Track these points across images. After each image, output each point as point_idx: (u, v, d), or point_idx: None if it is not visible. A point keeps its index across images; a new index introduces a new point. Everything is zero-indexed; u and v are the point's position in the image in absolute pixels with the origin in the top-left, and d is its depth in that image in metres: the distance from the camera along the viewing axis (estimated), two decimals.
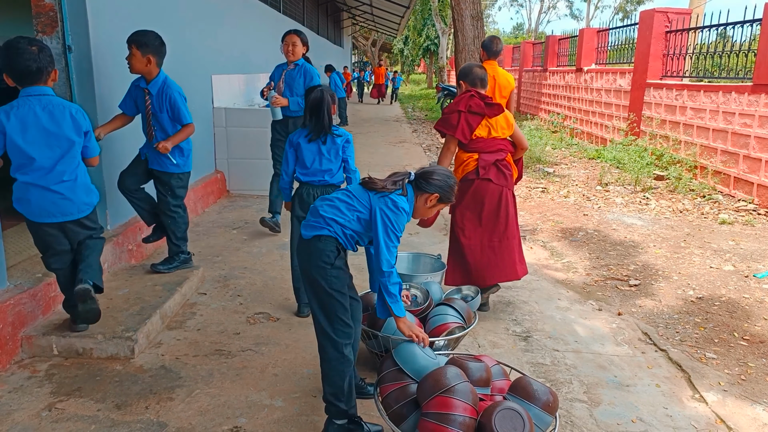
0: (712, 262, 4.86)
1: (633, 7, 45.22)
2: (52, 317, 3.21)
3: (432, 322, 2.93)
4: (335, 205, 2.32)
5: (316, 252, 2.27)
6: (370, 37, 40.34)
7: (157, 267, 3.94)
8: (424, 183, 2.33)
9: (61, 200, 2.85)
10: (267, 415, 2.61)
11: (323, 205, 2.35)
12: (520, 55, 18.10)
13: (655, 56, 9.28)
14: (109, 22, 4.08)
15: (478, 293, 3.26)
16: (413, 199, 2.34)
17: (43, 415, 2.55)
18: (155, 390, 2.77)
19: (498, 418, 1.99)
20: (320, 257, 2.26)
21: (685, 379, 3.07)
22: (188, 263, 4.06)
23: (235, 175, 6.89)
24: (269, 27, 9.64)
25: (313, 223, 2.32)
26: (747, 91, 6.92)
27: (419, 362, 2.31)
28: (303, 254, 2.34)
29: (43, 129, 2.76)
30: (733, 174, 7.05)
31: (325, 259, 2.27)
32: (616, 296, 4.20)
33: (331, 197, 2.38)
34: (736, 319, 3.82)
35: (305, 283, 2.37)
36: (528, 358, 3.23)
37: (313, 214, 2.36)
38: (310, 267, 2.29)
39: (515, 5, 59.80)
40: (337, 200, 2.34)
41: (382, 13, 20.31)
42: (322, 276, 2.27)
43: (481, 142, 3.59)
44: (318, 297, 2.31)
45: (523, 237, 5.55)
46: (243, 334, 3.37)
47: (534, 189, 7.61)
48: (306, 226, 2.35)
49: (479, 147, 3.59)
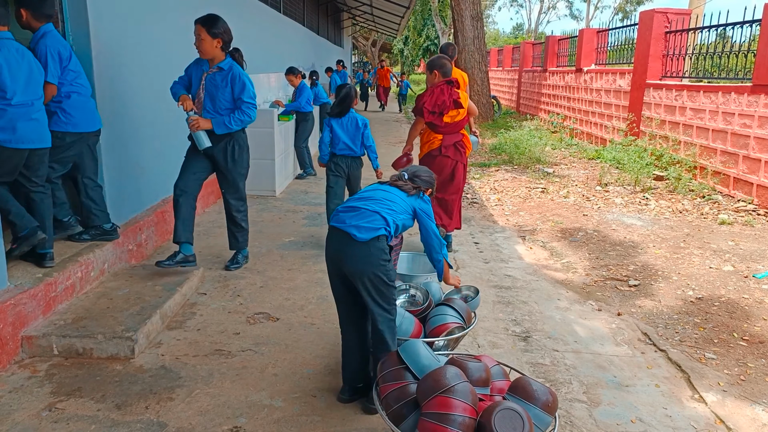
0: (711, 262, 4.86)
1: (633, 7, 45.20)
2: (52, 317, 3.21)
3: (432, 322, 2.93)
4: (385, 204, 2.57)
5: (376, 252, 2.47)
6: (370, 38, 40.33)
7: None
8: (419, 181, 2.76)
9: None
10: (267, 415, 2.61)
11: (370, 205, 2.55)
12: (519, 55, 18.11)
13: (654, 57, 9.28)
14: (109, 23, 4.08)
15: (477, 293, 3.27)
16: None
17: (43, 415, 2.55)
18: (155, 390, 2.78)
19: (497, 419, 1.99)
20: (380, 256, 2.48)
21: (684, 380, 3.08)
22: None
23: None
24: (269, 27, 9.65)
25: (367, 225, 2.48)
26: (746, 91, 6.92)
27: (422, 361, 2.31)
28: (361, 255, 2.46)
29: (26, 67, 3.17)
30: (733, 174, 7.05)
31: (384, 256, 2.50)
32: (616, 296, 4.20)
33: (371, 198, 2.60)
34: (736, 319, 3.82)
35: (362, 279, 2.48)
36: (527, 359, 3.23)
37: (363, 215, 2.51)
38: (372, 266, 2.47)
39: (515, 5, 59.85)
40: (382, 200, 2.59)
41: (382, 13, 20.31)
42: (383, 272, 2.49)
43: (447, 127, 4.61)
44: (379, 290, 2.51)
45: (522, 237, 5.57)
46: (243, 334, 3.38)
47: (534, 189, 7.61)
48: (360, 228, 2.47)
49: (446, 131, 4.62)
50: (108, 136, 4.05)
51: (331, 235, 2.59)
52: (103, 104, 4.01)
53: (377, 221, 2.49)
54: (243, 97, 3.86)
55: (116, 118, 4.21)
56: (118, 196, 4.25)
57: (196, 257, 4.06)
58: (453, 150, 4.65)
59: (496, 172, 8.96)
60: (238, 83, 3.82)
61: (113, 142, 4.15)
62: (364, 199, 2.60)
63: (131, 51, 4.45)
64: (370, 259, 2.45)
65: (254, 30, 8.60)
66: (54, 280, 3.29)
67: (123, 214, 4.35)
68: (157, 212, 4.81)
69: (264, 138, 6.77)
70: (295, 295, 3.95)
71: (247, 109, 3.88)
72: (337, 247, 2.53)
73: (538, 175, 8.55)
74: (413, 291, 3.17)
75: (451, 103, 4.50)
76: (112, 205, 4.16)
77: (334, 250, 2.55)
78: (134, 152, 4.54)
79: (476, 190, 7.65)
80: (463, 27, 11.97)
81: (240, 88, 3.83)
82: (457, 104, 4.53)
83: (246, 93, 3.86)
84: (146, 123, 4.73)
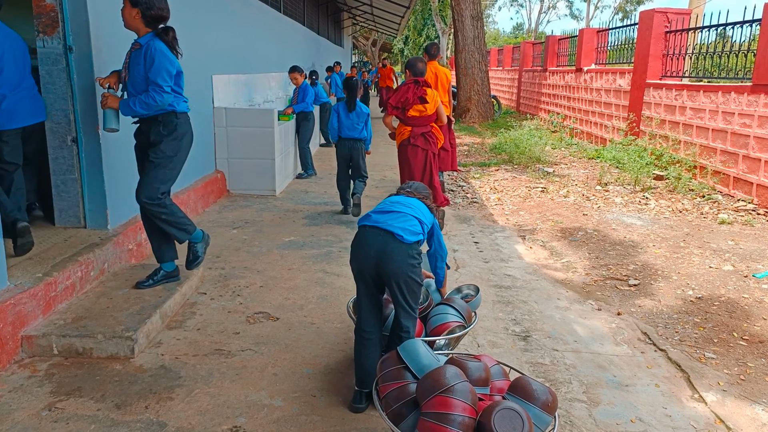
0: (711, 261, 4.86)
1: (633, 7, 45.18)
2: (52, 317, 3.22)
3: (432, 321, 2.93)
4: (420, 212, 2.72)
5: (414, 254, 2.60)
6: (371, 37, 40.33)
7: None
8: (422, 195, 2.91)
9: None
10: (266, 415, 2.61)
11: (408, 210, 2.69)
12: (519, 55, 18.11)
13: (654, 56, 9.28)
14: (109, 23, 4.08)
15: (478, 291, 3.27)
16: None
17: (43, 415, 2.55)
18: (155, 390, 2.78)
19: (497, 418, 1.99)
20: (416, 258, 2.60)
21: (684, 379, 3.08)
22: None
23: (236, 175, 6.89)
24: (270, 27, 9.65)
25: (411, 228, 2.61)
26: (746, 91, 6.92)
27: (422, 361, 2.31)
28: (403, 256, 2.56)
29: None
30: (733, 174, 7.05)
31: (418, 259, 2.62)
32: (616, 296, 4.20)
33: (407, 204, 2.76)
34: (736, 319, 3.82)
35: (397, 279, 2.56)
36: (527, 358, 3.24)
37: (405, 219, 2.64)
38: (409, 267, 2.57)
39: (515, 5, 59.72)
40: (416, 208, 2.74)
41: (383, 13, 20.31)
42: (417, 274, 2.61)
43: (414, 120, 5.23)
44: (412, 290, 2.62)
45: (522, 236, 5.57)
46: (243, 334, 3.38)
47: (534, 189, 7.61)
48: (405, 231, 2.58)
49: (413, 123, 5.26)
50: (108, 136, 4.05)
51: (371, 234, 2.60)
52: None
53: (417, 226, 2.64)
54: (151, 77, 3.32)
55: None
56: (117, 195, 4.25)
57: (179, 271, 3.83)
58: (422, 140, 5.26)
59: (496, 171, 8.96)
60: (149, 60, 3.31)
61: (113, 141, 4.15)
62: (401, 203, 2.74)
63: None
64: (410, 260, 2.56)
65: (254, 30, 8.60)
66: (54, 280, 3.29)
67: (123, 214, 4.35)
68: None
69: (264, 138, 6.77)
70: (295, 295, 3.95)
71: (154, 91, 3.31)
72: (381, 246, 2.55)
73: (538, 174, 8.55)
74: None
75: (416, 99, 5.14)
76: (111, 205, 4.17)
77: (376, 250, 2.56)
78: (134, 152, 4.53)
79: (476, 190, 7.65)
80: (463, 27, 11.97)
81: (150, 66, 3.30)
82: (422, 100, 5.14)
83: (156, 73, 3.31)
84: None
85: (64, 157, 3.99)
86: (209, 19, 6.42)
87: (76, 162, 4.01)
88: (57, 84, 3.87)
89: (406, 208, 2.70)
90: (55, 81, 3.86)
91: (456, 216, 6.32)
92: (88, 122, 3.97)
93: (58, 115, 3.91)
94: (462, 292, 3.38)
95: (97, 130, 3.98)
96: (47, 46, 3.81)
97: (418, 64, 5.26)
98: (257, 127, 6.70)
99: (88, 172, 4.05)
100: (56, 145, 3.97)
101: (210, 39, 6.45)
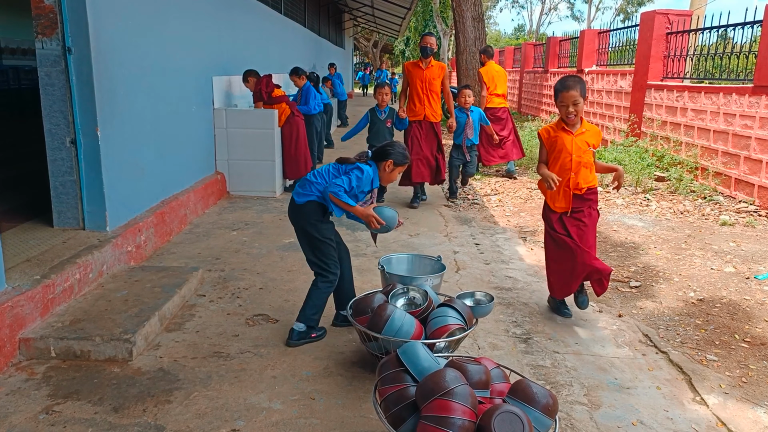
0: (713, 263, 4.84)
1: (634, 8, 45.17)
2: (50, 319, 3.20)
3: (433, 323, 2.91)
4: (322, 176, 3.15)
5: (310, 212, 3.15)
6: (372, 38, 40.36)
7: None
8: (380, 155, 3.12)
9: None
10: (265, 418, 2.59)
11: (311, 177, 3.17)
12: (521, 56, 18.10)
13: (655, 58, 9.27)
14: (109, 24, 4.08)
15: (491, 300, 3.24)
16: (377, 170, 3.14)
17: (41, 418, 2.54)
18: (153, 393, 2.76)
19: (497, 422, 1.97)
20: (312, 216, 3.14)
21: (685, 382, 3.06)
22: None
23: (236, 177, 6.88)
24: (270, 29, 9.65)
25: (303, 191, 3.16)
26: (748, 92, 6.90)
27: (421, 363, 2.30)
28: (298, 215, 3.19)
29: None
30: (734, 175, 7.03)
31: (316, 217, 3.15)
32: (617, 298, 4.18)
33: (320, 170, 3.19)
34: (737, 321, 3.80)
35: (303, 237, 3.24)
36: (528, 360, 3.22)
37: (302, 186, 3.17)
38: (306, 224, 3.17)
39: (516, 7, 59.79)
40: (324, 173, 3.16)
41: (384, 14, 20.33)
42: (316, 229, 3.16)
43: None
44: (311, 244, 3.22)
45: (523, 238, 5.55)
46: (242, 336, 3.36)
47: (535, 190, 7.59)
48: (297, 194, 3.16)
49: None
50: (108, 136, 4.04)
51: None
52: (103, 106, 4.01)
53: (308, 189, 3.23)
54: None
55: (116, 118, 4.21)
56: (116, 197, 4.24)
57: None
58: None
59: (497, 172, 8.95)
60: None
61: (113, 142, 4.14)
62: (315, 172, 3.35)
63: (131, 51, 4.45)
64: (306, 217, 3.23)
65: (255, 31, 8.60)
66: (52, 282, 3.28)
67: (122, 215, 4.34)
68: (156, 213, 4.80)
69: (264, 139, 6.76)
70: (294, 297, 3.93)
71: None
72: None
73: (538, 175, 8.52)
74: (412, 293, 3.15)
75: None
76: (110, 207, 4.16)
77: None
78: (134, 153, 4.54)
79: (477, 191, 7.63)
80: (464, 28, 11.95)
81: None
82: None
83: None
84: (146, 123, 4.72)
85: (62, 159, 3.98)
86: (209, 20, 6.42)
87: (75, 164, 4.00)
88: (56, 85, 3.86)
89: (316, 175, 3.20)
90: (54, 82, 3.85)
91: (457, 217, 6.30)
92: (87, 124, 3.96)
93: (57, 117, 3.90)
94: (475, 297, 3.33)
95: (96, 132, 3.97)
96: (46, 48, 3.80)
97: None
98: (257, 129, 6.70)
99: (87, 174, 4.03)
100: (55, 147, 3.96)
101: (210, 40, 6.45)
